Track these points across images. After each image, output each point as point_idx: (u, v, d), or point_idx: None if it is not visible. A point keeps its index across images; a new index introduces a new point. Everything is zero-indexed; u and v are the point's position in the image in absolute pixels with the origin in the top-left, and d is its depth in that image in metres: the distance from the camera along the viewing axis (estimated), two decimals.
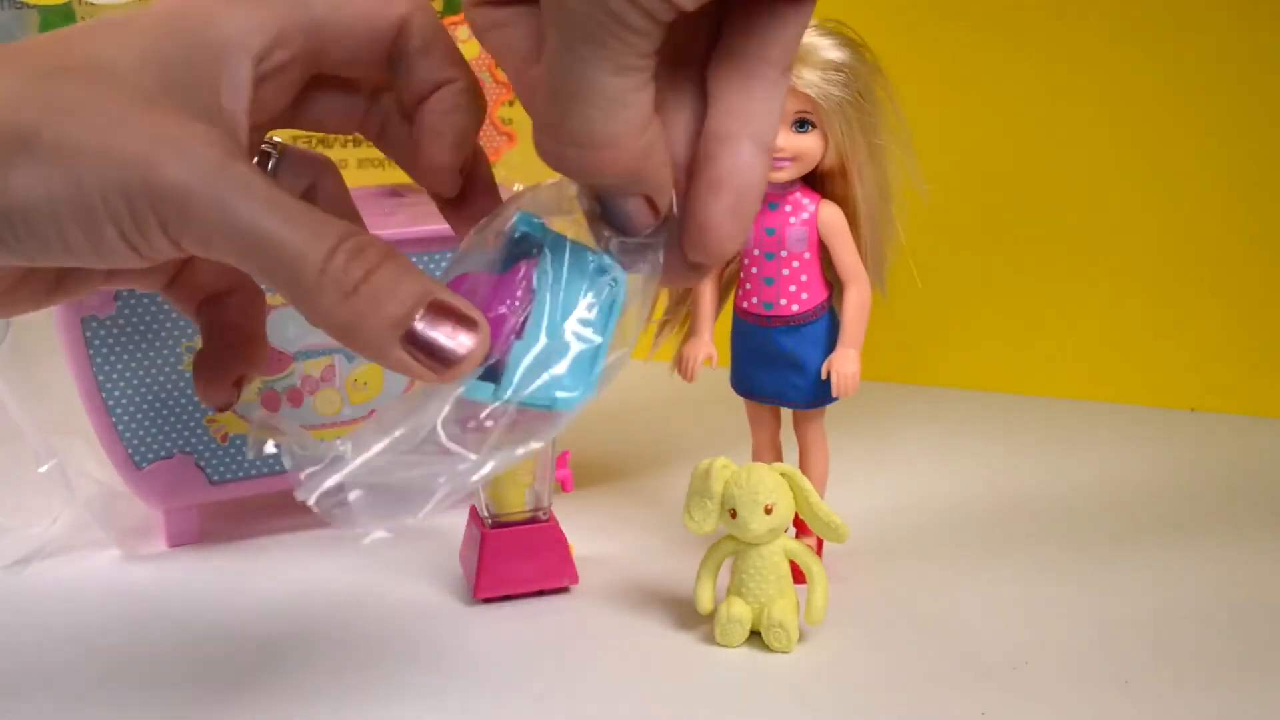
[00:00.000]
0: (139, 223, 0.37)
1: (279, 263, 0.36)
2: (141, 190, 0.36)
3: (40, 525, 0.62)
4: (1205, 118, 0.77)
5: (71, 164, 0.36)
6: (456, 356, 0.37)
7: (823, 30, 0.55)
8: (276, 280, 0.37)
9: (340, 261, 0.36)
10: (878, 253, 0.59)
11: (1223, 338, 0.79)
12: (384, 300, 0.36)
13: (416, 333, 0.37)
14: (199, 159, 0.36)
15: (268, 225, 0.36)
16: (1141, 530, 0.64)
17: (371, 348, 0.37)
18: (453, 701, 0.50)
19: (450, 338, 0.37)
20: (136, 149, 0.36)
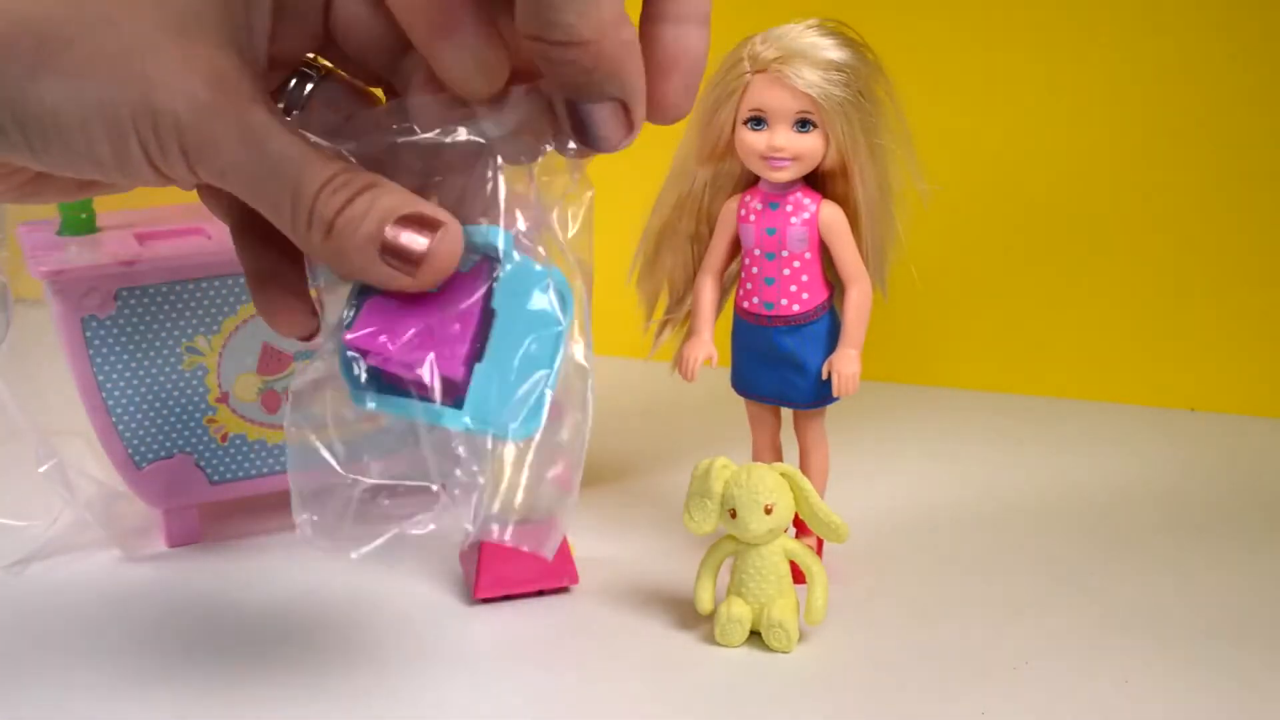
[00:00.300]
0: (163, 146, 0.38)
1: (280, 209, 0.39)
2: (167, 117, 0.37)
3: (40, 525, 0.62)
4: (1205, 118, 0.77)
5: (104, 81, 0.37)
6: (426, 256, 0.39)
7: (824, 30, 0.55)
8: (277, 221, 0.40)
9: (323, 199, 0.39)
10: (879, 253, 0.59)
11: (1223, 338, 0.79)
12: (359, 223, 0.39)
13: (388, 242, 0.39)
14: (224, 92, 0.38)
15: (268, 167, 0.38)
16: (1141, 530, 0.64)
17: (356, 270, 0.40)
18: (453, 701, 0.50)
19: (422, 240, 0.39)
20: (166, 74, 0.37)
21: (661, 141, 0.62)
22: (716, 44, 0.57)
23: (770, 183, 0.57)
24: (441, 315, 0.40)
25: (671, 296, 0.62)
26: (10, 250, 0.61)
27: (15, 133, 0.38)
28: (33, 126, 0.38)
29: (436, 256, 0.39)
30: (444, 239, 0.39)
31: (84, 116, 0.38)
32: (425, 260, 0.39)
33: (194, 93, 0.38)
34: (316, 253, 0.40)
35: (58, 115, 0.38)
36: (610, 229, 0.70)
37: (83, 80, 0.37)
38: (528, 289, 0.40)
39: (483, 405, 0.40)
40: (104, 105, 0.38)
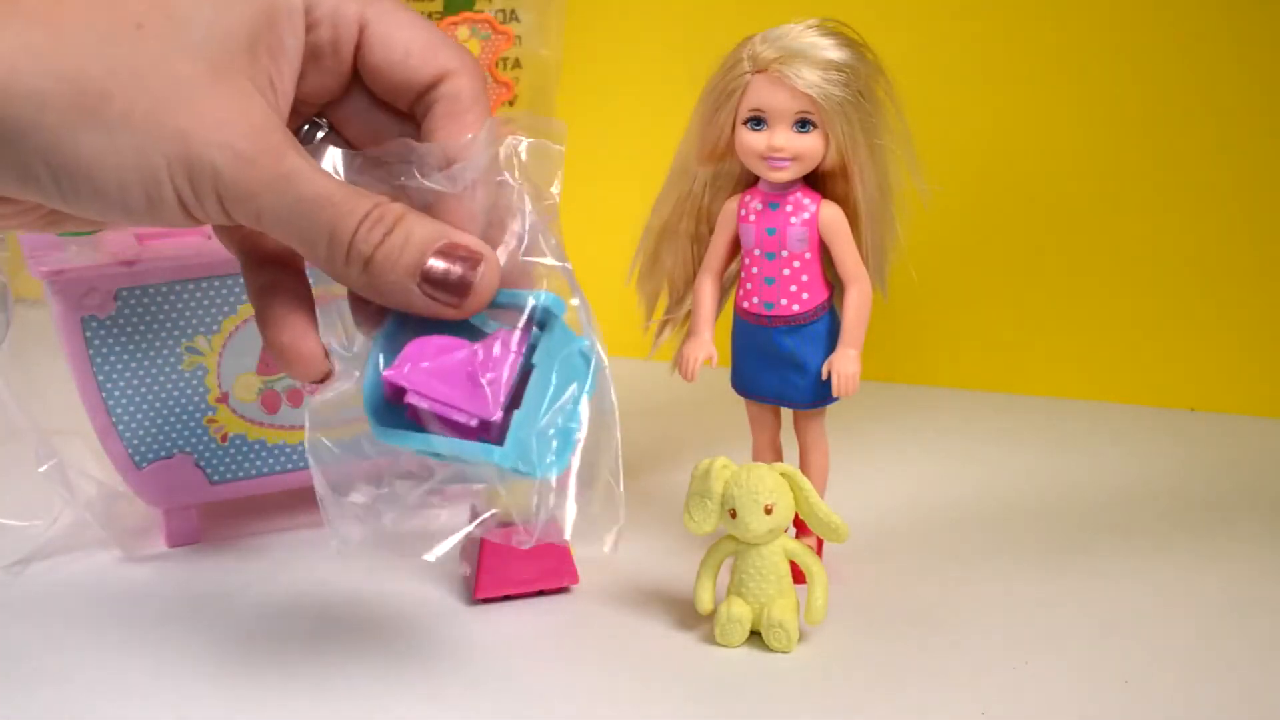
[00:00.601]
0: (199, 194, 0.39)
1: (316, 248, 0.40)
2: (206, 166, 0.39)
3: (40, 525, 0.62)
4: (1206, 118, 0.77)
5: (141, 135, 0.38)
6: (469, 284, 0.41)
7: (824, 30, 0.55)
8: (315, 262, 0.41)
9: (361, 234, 0.40)
10: (879, 253, 0.59)
11: (1223, 338, 0.79)
12: (398, 255, 0.40)
13: (428, 273, 0.41)
14: (260, 142, 0.39)
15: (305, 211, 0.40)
16: (1141, 530, 0.64)
17: (398, 301, 0.41)
18: (453, 701, 0.50)
19: (463, 270, 0.41)
20: (203, 127, 0.39)
21: (662, 142, 0.63)
22: (717, 44, 0.57)
23: (770, 183, 0.57)
24: (484, 360, 0.42)
25: (671, 296, 0.62)
26: (10, 250, 0.61)
27: (49, 181, 0.39)
28: (65, 177, 0.39)
29: (480, 288, 0.41)
30: (485, 271, 0.41)
31: (120, 169, 0.39)
32: (470, 291, 0.41)
33: (231, 144, 0.39)
34: (357, 286, 0.41)
35: (92, 168, 0.38)
36: (610, 229, 0.70)
37: (119, 134, 0.38)
38: (562, 350, 0.44)
39: (517, 445, 0.42)
40: (141, 159, 0.38)
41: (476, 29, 0.64)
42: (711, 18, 0.82)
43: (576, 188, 0.81)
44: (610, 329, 0.88)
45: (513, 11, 0.68)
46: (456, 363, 0.42)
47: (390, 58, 0.43)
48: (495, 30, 0.64)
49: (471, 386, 0.42)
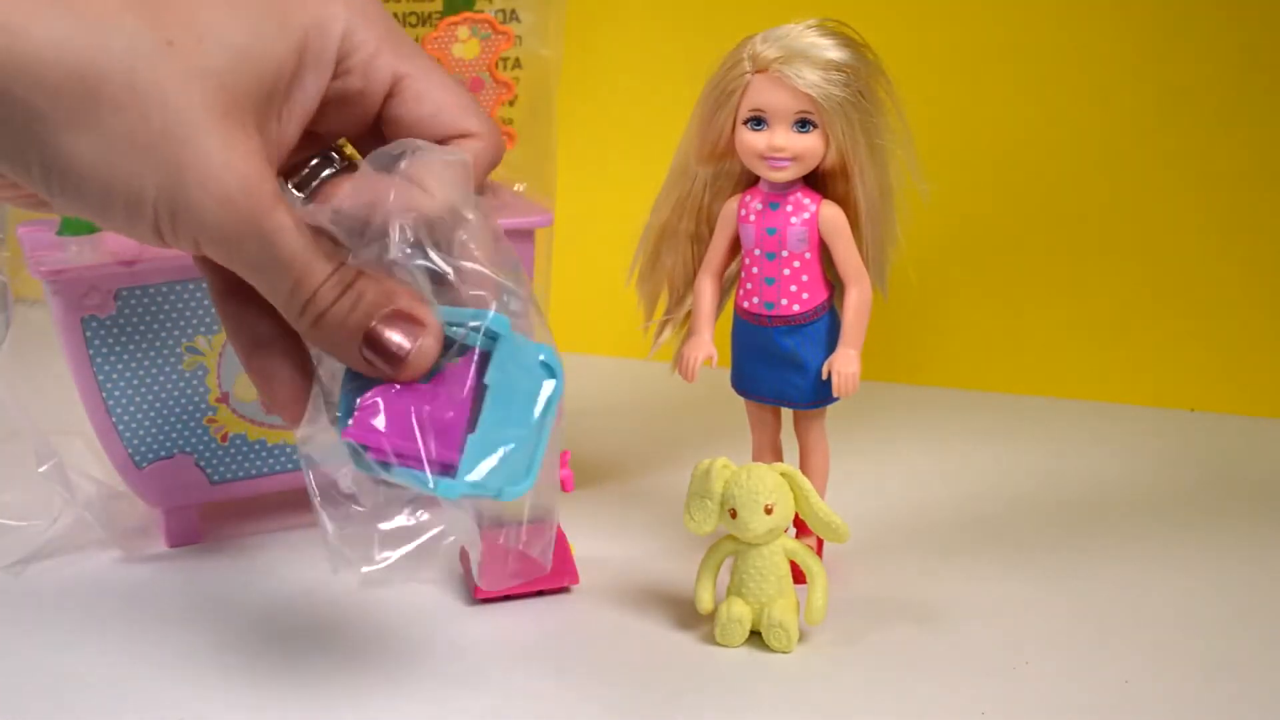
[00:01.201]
0: (176, 227, 0.40)
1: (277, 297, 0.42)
2: (193, 205, 0.39)
3: (40, 525, 0.62)
4: (1205, 117, 0.77)
5: (139, 157, 0.39)
6: (403, 355, 0.42)
7: (824, 30, 0.55)
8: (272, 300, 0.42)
9: (320, 294, 0.42)
10: (879, 253, 0.59)
11: (1223, 338, 0.79)
12: (345, 317, 0.42)
13: (370, 337, 0.42)
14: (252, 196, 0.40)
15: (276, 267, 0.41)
16: (1141, 530, 0.64)
17: (340, 356, 0.43)
18: (453, 701, 0.50)
19: (400, 340, 0.42)
20: (201, 167, 0.39)
21: (662, 141, 0.63)
22: (717, 44, 0.57)
23: (770, 183, 0.57)
24: (436, 400, 0.43)
25: (671, 296, 0.62)
26: (10, 250, 0.61)
27: (39, 174, 0.39)
28: (55, 172, 0.39)
29: (416, 357, 0.42)
30: (424, 343, 0.42)
31: (109, 181, 0.39)
32: (404, 361, 0.42)
33: (224, 192, 0.39)
34: (307, 338, 0.43)
35: (83, 172, 0.39)
36: (610, 229, 0.70)
37: (118, 150, 0.39)
38: (519, 363, 0.43)
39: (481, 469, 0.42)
40: (131, 180, 0.39)
41: (476, 29, 0.64)
42: (711, 18, 0.82)
43: (576, 188, 0.81)
44: (610, 329, 0.89)
45: (513, 11, 0.68)
46: (409, 412, 0.43)
47: (419, 113, 0.44)
48: (495, 30, 0.64)
49: (430, 430, 0.43)
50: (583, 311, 0.87)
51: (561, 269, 0.75)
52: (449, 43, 0.64)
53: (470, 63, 0.64)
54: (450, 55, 0.64)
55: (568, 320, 0.84)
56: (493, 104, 0.65)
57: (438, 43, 0.64)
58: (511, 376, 0.43)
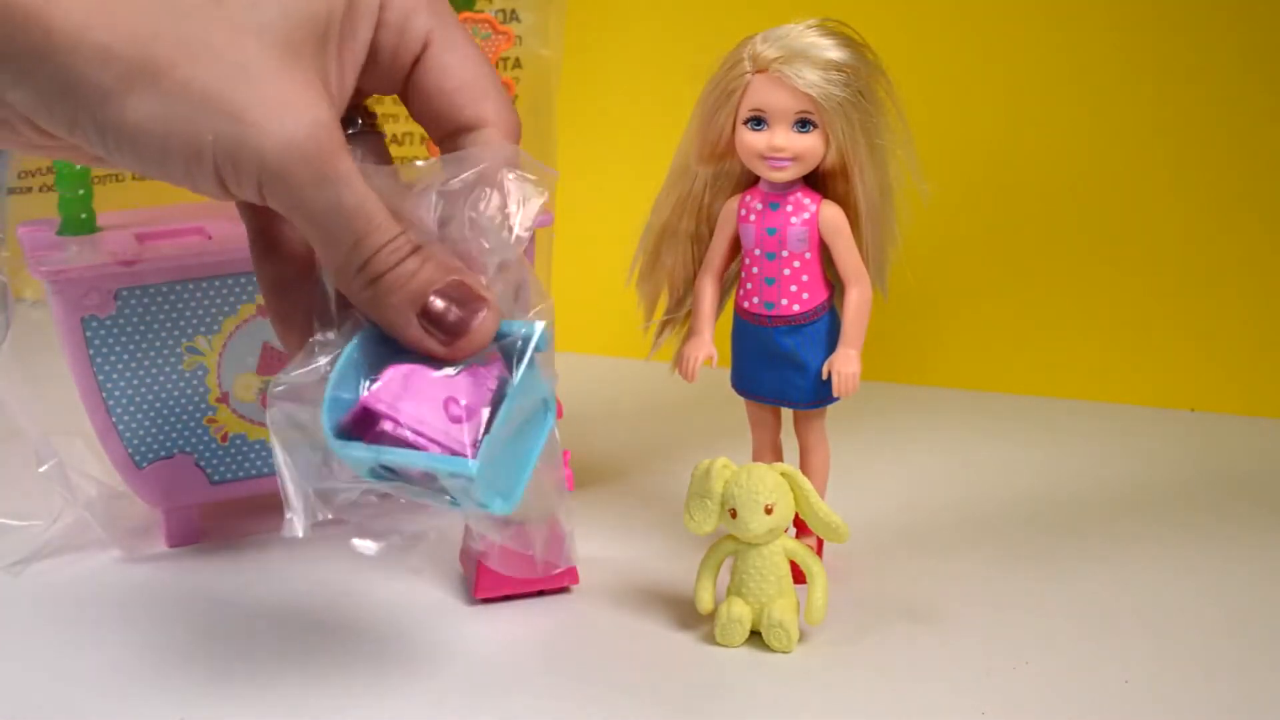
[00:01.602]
0: (239, 175, 0.39)
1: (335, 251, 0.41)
2: (252, 153, 0.38)
3: (40, 525, 0.62)
4: (1205, 118, 0.77)
5: (194, 106, 0.38)
6: (466, 327, 0.41)
7: (824, 30, 0.55)
8: (327, 261, 0.41)
9: (381, 256, 0.40)
10: (879, 253, 0.59)
11: (1223, 338, 0.79)
12: (405, 282, 0.41)
13: (429, 308, 0.41)
14: (315, 139, 0.39)
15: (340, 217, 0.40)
16: (1141, 530, 0.64)
17: (389, 324, 0.42)
18: (453, 701, 0.50)
19: (462, 312, 0.41)
20: (261, 112, 0.38)
21: (662, 141, 0.63)
22: (717, 44, 0.57)
23: (770, 183, 0.57)
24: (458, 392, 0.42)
25: (671, 296, 0.62)
26: (10, 250, 0.61)
27: (94, 135, 0.39)
28: (111, 135, 0.39)
29: (474, 335, 0.41)
30: (486, 318, 0.41)
31: (166, 136, 0.38)
32: (465, 335, 0.41)
33: (286, 135, 0.38)
34: (360, 301, 0.42)
35: (139, 131, 0.38)
36: (610, 229, 0.70)
37: (173, 102, 0.38)
38: (532, 388, 0.43)
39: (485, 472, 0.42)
40: (188, 129, 0.38)
41: (476, 29, 0.64)
42: (711, 18, 0.82)
43: (577, 188, 0.81)
44: (610, 329, 0.89)
45: (513, 11, 0.68)
46: (434, 393, 0.42)
47: (443, 84, 0.44)
48: (495, 30, 0.64)
49: (449, 420, 0.42)
50: (583, 311, 0.87)
51: (561, 269, 0.75)
52: None
53: None
54: None
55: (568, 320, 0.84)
56: None
57: None
58: (525, 398, 0.43)
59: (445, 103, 0.44)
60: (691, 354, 0.59)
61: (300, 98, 0.39)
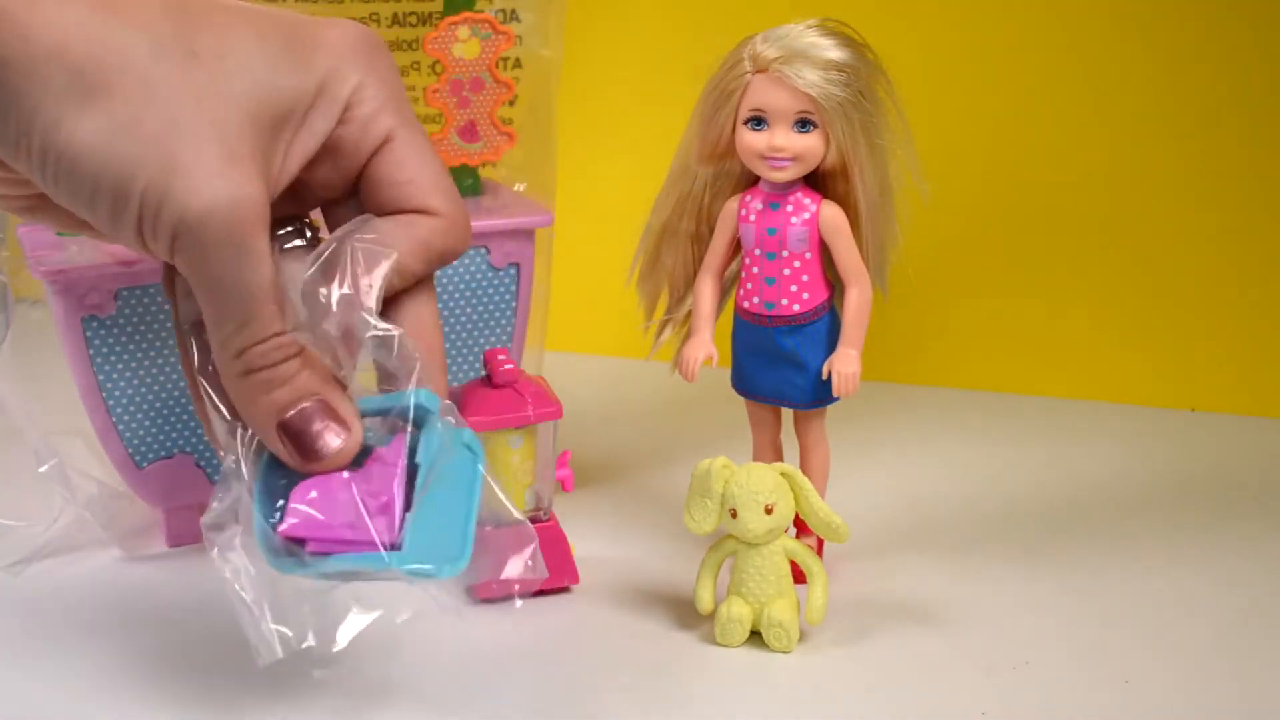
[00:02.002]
0: (157, 225, 0.40)
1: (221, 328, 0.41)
2: (175, 206, 0.39)
3: (40, 525, 0.62)
4: (1205, 117, 0.77)
5: (139, 146, 0.39)
6: (320, 453, 0.42)
7: (824, 30, 0.55)
8: (211, 335, 0.42)
9: (261, 349, 0.41)
10: (879, 253, 0.59)
11: (1223, 338, 0.79)
12: (274, 387, 0.41)
13: (288, 423, 0.42)
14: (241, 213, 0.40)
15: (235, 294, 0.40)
16: (1141, 530, 0.64)
17: (253, 423, 0.42)
18: (453, 702, 0.50)
19: (320, 435, 0.42)
20: (193, 169, 0.39)
21: (662, 141, 0.63)
22: (717, 44, 0.57)
23: (770, 183, 0.57)
24: (371, 483, 0.43)
25: (672, 296, 0.62)
26: (10, 250, 0.61)
27: (36, 154, 0.39)
28: (52, 155, 0.39)
29: (331, 459, 0.42)
30: (342, 447, 0.42)
31: (104, 168, 0.39)
32: (318, 459, 0.42)
33: (214, 196, 0.39)
34: (228, 386, 0.42)
35: (79, 154, 0.39)
36: (610, 229, 0.70)
37: (121, 136, 0.39)
38: (444, 445, 0.44)
39: (419, 548, 0.42)
40: (125, 167, 0.39)
41: (476, 29, 0.64)
42: (711, 18, 0.82)
43: (576, 188, 0.81)
44: (610, 329, 0.89)
45: (513, 11, 0.68)
46: (347, 495, 0.42)
47: (396, 177, 0.45)
48: (495, 30, 0.64)
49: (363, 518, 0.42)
50: (583, 311, 0.87)
51: (561, 269, 0.75)
52: (449, 43, 0.64)
53: (470, 63, 0.64)
54: (450, 55, 0.64)
55: (568, 320, 0.84)
56: (493, 104, 0.65)
57: (438, 43, 0.64)
58: (439, 457, 0.43)
59: (396, 193, 0.45)
60: (691, 354, 0.59)
61: (238, 170, 0.40)
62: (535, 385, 0.57)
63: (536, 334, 0.71)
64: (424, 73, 0.68)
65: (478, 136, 0.66)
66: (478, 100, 0.65)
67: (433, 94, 0.64)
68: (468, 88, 0.64)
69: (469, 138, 0.66)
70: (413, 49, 0.68)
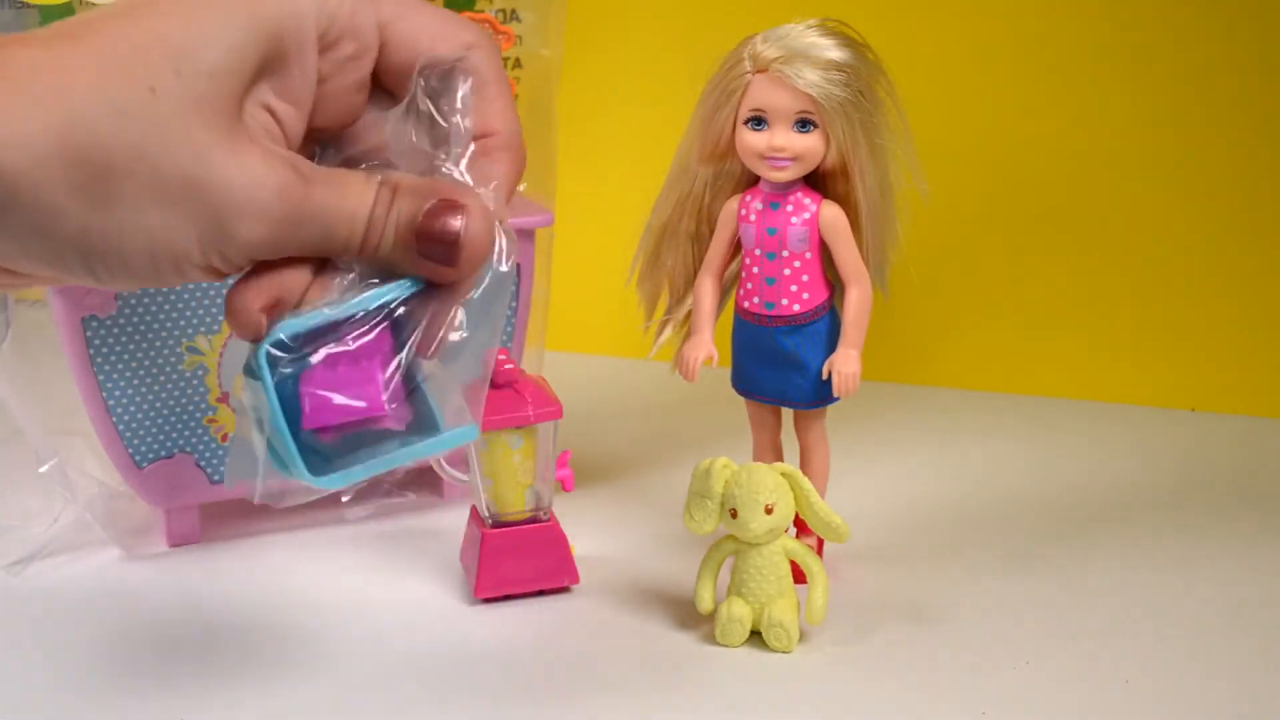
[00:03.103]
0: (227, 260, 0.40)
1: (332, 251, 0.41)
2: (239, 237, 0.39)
3: (40, 525, 0.62)
4: (1205, 118, 0.77)
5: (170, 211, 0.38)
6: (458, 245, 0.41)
7: (824, 30, 0.55)
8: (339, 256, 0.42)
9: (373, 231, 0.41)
10: (879, 253, 0.59)
11: (1223, 338, 0.79)
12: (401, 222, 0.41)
13: (424, 230, 0.41)
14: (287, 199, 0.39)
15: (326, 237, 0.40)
16: (1141, 530, 0.64)
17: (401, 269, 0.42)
18: (453, 701, 0.50)
19: (447, 233, 0.41)
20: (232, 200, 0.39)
21: (662, 141, 0.63)
22: (717, 43, 0.57)
23: (771, 183, 0.57)
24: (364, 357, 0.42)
25: (672, 296, 0.62)
26: None
27: (79, 265, 0.39)
28: (97, 258, 0.39)
29: (470, 243, 0.41)
30: (469, 223, 0.41)
31: (151, 243, 0.38)
32: (461, 250, 0.41)
33: (263, 210, 0.39)
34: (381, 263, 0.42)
35: (123, 246, 0.38)
36: (611, 229, 0.70)
37: (147, 211, 0.38)
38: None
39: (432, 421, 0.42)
40: (170, 234, 0.38)
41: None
42: (711, 17, 0.82)
43: (577, 188, 0.81)
44: (610, 329, 0.88)
45: (513, 11, 0.68)
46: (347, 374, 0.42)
47: (417, 46, 0.43)
48: (496, 30, 0.64)
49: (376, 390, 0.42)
50: (583, 311, 0.87)
51: (561, 269, 0.75)
52: None
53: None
54: None
55: (568, 320, 0.84)
56: None
57: None
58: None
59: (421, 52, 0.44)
60: (691, 354, 0.59)
61: (260, 166, 0.39)
62: (535, 385, 0.57)
63: (536, 334, 0.71)
64: None
65: None
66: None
67: None
68: None
69: None
70: None
